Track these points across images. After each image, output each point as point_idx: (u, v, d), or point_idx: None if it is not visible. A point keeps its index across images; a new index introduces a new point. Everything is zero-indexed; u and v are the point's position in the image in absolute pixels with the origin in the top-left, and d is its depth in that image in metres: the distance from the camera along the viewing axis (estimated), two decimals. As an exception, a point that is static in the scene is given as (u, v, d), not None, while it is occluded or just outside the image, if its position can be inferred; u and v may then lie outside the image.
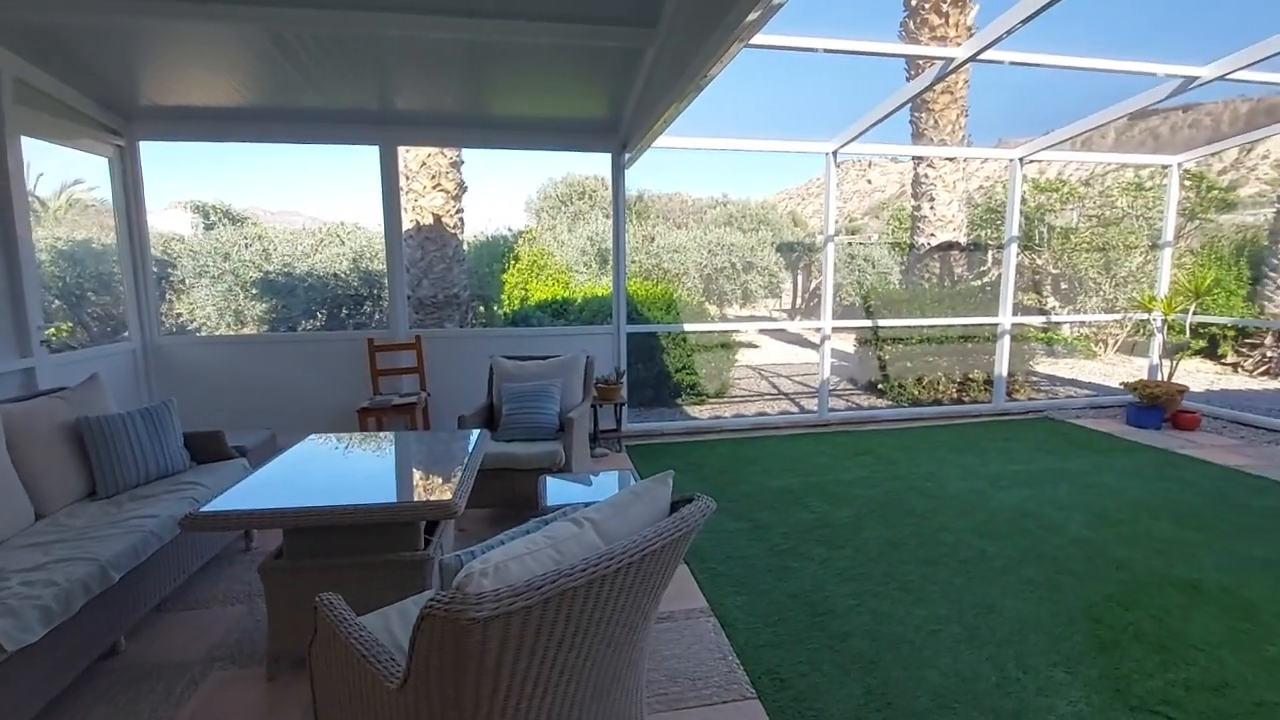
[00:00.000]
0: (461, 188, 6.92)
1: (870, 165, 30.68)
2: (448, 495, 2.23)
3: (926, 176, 8.15)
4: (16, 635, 1.86)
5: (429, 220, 6.69)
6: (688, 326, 6.96)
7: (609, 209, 6.47)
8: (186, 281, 8.52)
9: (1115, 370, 9.40)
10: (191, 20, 3.33)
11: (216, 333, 8.24)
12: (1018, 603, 2.88)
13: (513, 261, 8.65)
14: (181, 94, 4.50)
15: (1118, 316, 9.14)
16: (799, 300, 19.16)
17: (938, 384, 6.99)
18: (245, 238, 8.11)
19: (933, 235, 8.19)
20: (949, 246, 8.22)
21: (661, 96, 3.87)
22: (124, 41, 3.81)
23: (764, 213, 20.52)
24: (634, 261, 9.76)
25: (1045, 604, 2.87)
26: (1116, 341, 10.39)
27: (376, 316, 7.64)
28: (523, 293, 8.51)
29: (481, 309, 8.40)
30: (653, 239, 9.89)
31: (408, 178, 6.72)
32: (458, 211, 6.89)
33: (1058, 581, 3.07)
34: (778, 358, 10.92)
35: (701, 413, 6.94)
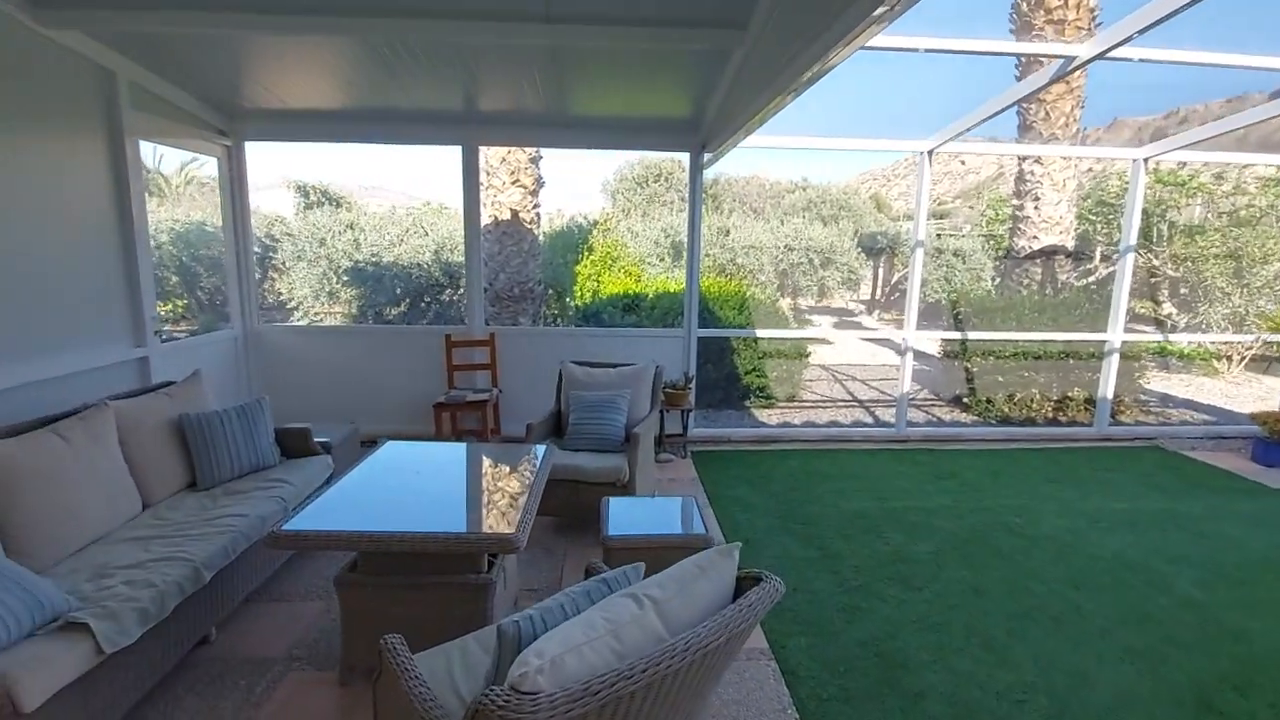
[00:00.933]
0: (539, 183, 6.96)
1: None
2: (509, 530, 2.23)
3: (1033, 173, 7.51)
4: (114, 638, 2.01)
5: (507, 215, 6.77)
6: (760, 333, 6.77)
7: (684, 192, 6.34)
8: (286, 263, 9.05)
9: (1240, 391, 8.45)
10: (295, 33, 3.46)
11: (312, 313, 8.74)
12: (1115, 674, 2.63)
13: (586, 253, 8.66)
14: (283, 97, 4.69)
15: (1250, 337, 8.19)
16: (879, 293, 18.35)
17: (1032, 401, 6.50)
18: (339, 224, 8.50)
19: (1035, 238, 7.57)
20: (1053, 251, 7.57)
21: (750, 99, 3.68)
22: (233, 50, 4.00)
23: (845, 198, 19.69)
24: (708, 255, 9.58)
25: (1147, 678, 2.60)
26: (1244, 357, 9.32)
27: (457, 306, 7.86)
28: (595, 285, 8.52)
29: (554, 300, 8.48)
30: (728, 232, 9.66)
31: (488, 174, 6.82)
32: (535, 206, 6.94)
33: (1163, 652, 2.78)
34: (852, 356, 10.48)
35: (770, 417, 6.76)
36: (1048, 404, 6.48)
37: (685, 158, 5.31)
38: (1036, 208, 7.51)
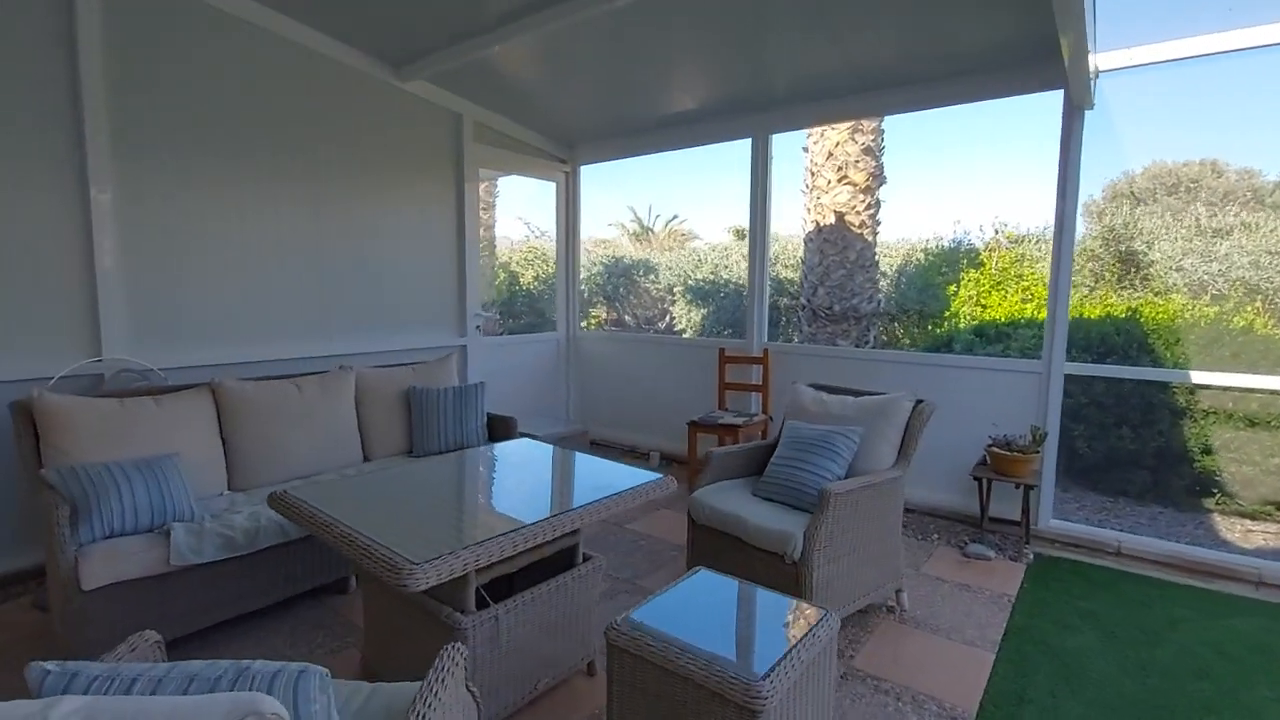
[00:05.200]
0: (875, 178, 5.68)
1: None
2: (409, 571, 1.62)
3: None
4: (185, 554, 2.27)
5: (830, 220, 5.76)
6: (1199, 376, 3.83)
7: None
8: (613, 286, 10.05)
9: None
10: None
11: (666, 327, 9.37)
12: None
13: (967, 270, 6.73)
14: (612, 122, 5.09)
15: None
16: None
17: None
18: (673, 243, 8.87)
19: None
20: None
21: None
22: (573, 88, 4.52)
23: None
24: (1176, 269, 6.28)
25: None
26: None
27: (788, 322, 7.15)
28: (979, 309, 6.54)
29: (912, 323, 6.85)
30: (1228, 233, 6.09)
31: (812, 173, 5.94)
32: (868, 208, 5.69)
33: None
34: None
35: (1232, 532, 3.83)
36: None
37: (1058, 97, 3.48)
38: None
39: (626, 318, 11.23)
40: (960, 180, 8.89)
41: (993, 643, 2.62)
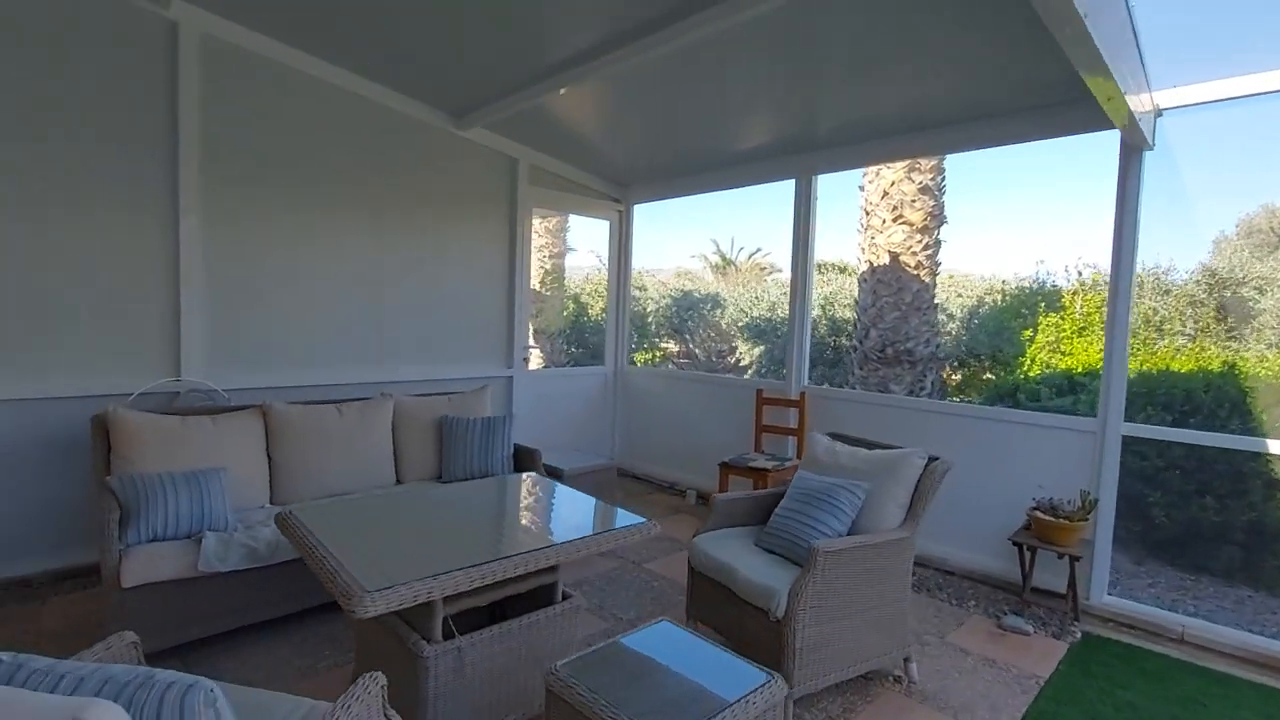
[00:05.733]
0: (934, 218, 5.43)
1: None
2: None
3: None
4: (212, 561, 2.51)
5: (884, 260, 5.55)
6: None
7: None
8: (680, 319, 10.00)
9: None
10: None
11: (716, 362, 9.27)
12: None
13: (1044, 314, 6.26)
14: (662, 163, 5.24)
15: None
16: None
17: None
18: (754, 276, 8.78)
19: None
20: None
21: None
22: (625, 131, 4.73)
23: None
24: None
25: None
26: None
27: (845, 362, 6.92)
28: (1058, 356, 6.06)
29: (984, 369, 6.43)
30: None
31: (866, 212, 5.76)
32: (925, 248, 5.44)
33: None
34: None
35: None
36: None
37: (1114, 138, 3.25)
38: None
39: (697, 351, 11.25)
40: (1041, 217, 8.33)
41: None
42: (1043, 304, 6.55)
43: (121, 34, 3.28)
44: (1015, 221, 8.56)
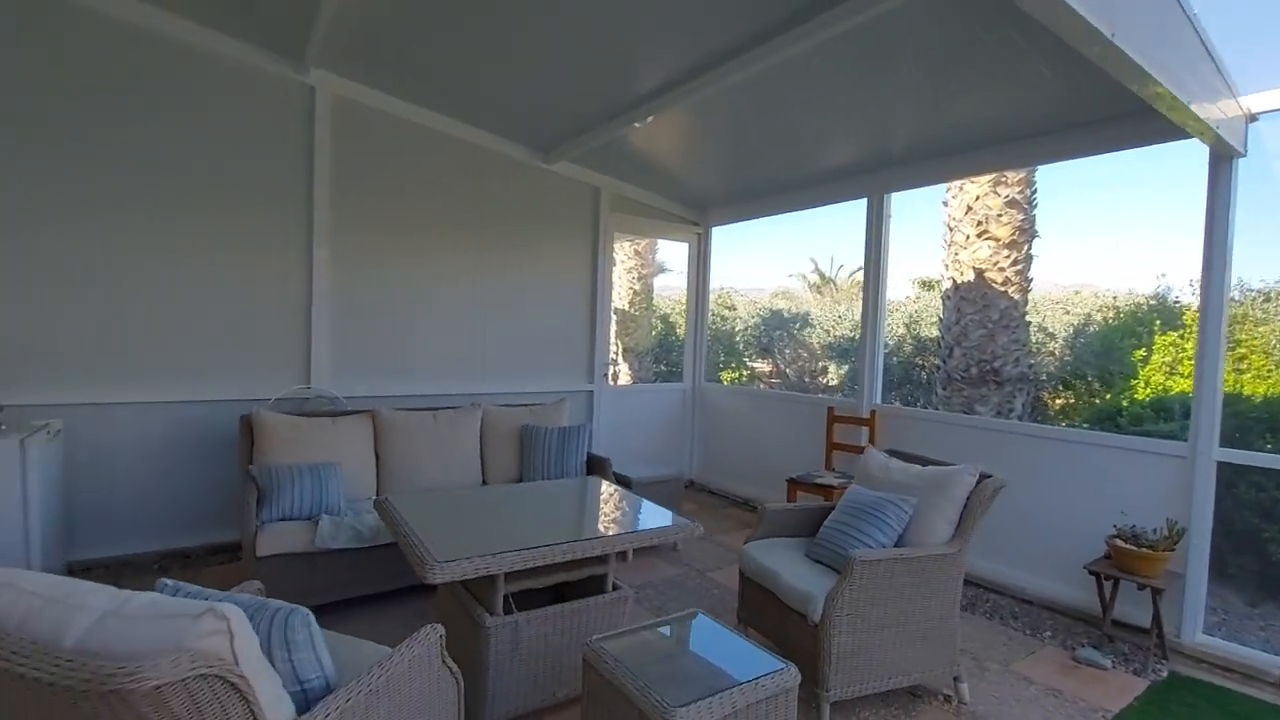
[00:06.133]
0: (1024, 233, 5.16)
1: None
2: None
3: None
4: (325, 540, 2.97)
5: (968, 277, 5.34)
6: None
7: None
8: (769, 339, 9.92)
9: None
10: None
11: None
12: None
13: (1161, 333, 5.75)
14: (739, 187, 5.45)
15: None
16: None
17: None
18: (855, 294, 8.63)
19: None
20: None
21: None
22: (702, 158, 5.03)
23: None
24: None
25: None
26: None
27: (931, 381, 6.67)
28: (1174, 379, 5.55)
29: (1090, 390, 5.98)
30: None
31: (950, 228, 5.57)
32: (1013, 264, 5.18)
33: None
34: None
35: None
36: None
37: (1204, 150, 3.08)
38: None
39: (788, 371, 11.19)
40: (1163, 227, 7.58)
41: (1058, 757, 2.35)
42: (1159, 321, 6.05)
43: (270, 99, 3.97)
44: (1130, 232, 7.87)
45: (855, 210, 4.71)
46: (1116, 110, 3.25)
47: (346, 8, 3.16)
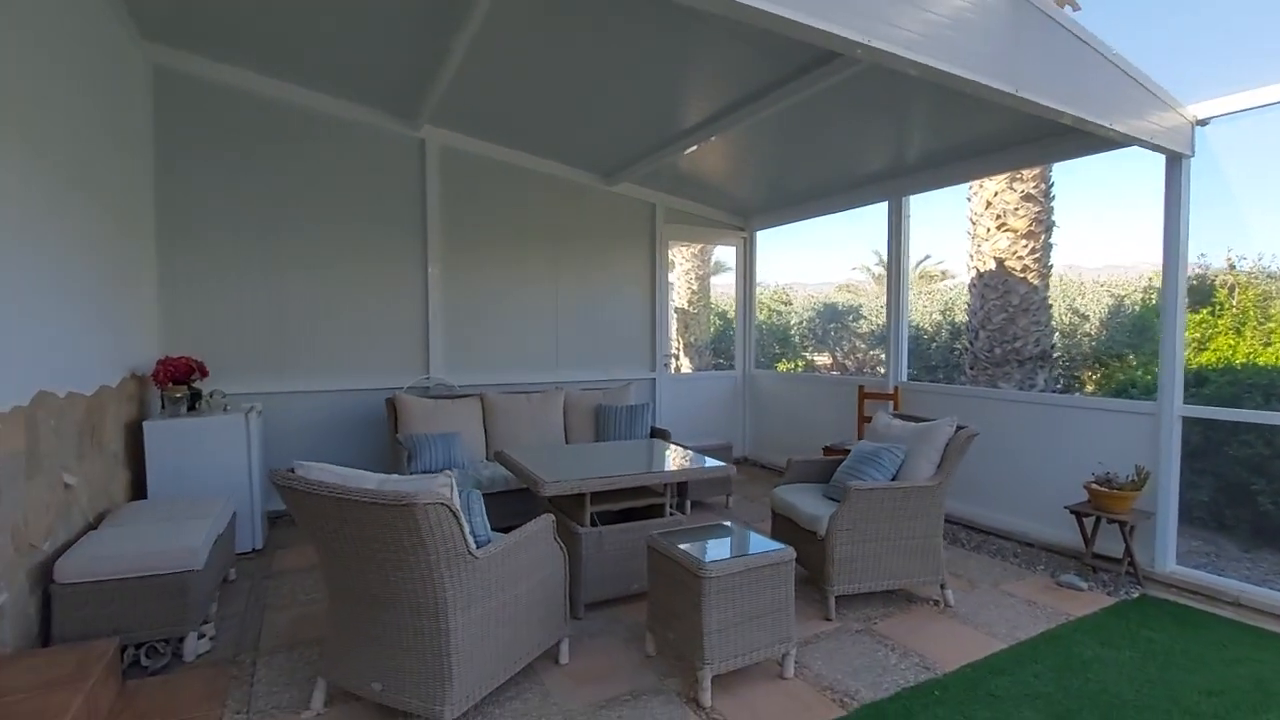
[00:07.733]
0: (1041, 224, 5.61)
1: None
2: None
3: None
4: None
5: (990, 265, 5.83)
6: None
7: None
8: (823, 330, 10.36)
9: None
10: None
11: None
12: None
13: (1199, 310, 6.03)
14: (778, 195, 6.20)
15: None
16: None
17: None
18: (923, 285, 9.11)
19: None
20: None
21: None
22: (746, 172, 5.84)
23: None
24: None
25: None
26: None
27: (962, 363, 7.14)
28: (1202, 354, 5.85)
29: (1117, 370, 6.33)
30: None
31: (973, 222, 6.06)
32: (1031, 252, 5.64)
33: None
34: None
35: None
36: None
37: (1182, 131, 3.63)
38: None
39: (846, 363, 11.72)
40: (1198, 207, 7.62)
41: (1014, 638, 3.02)
42: (1191, 299, 6.34)
43: (390, 150, 5.07)
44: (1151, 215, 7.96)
45: (922, 202, 5.07)
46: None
47: (454, 82, 4.17)
